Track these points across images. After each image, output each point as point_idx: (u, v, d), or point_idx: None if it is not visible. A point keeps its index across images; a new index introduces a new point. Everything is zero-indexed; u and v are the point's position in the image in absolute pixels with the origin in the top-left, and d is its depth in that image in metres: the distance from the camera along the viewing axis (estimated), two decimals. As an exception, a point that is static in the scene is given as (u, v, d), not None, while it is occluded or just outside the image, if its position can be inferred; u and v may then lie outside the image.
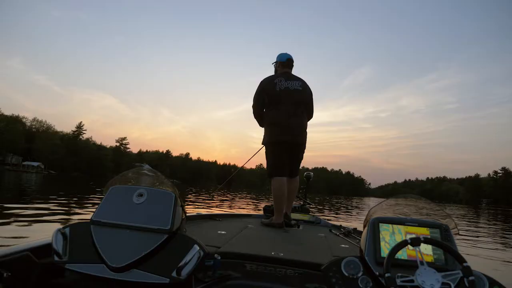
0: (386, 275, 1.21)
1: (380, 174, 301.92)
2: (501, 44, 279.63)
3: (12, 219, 6.48)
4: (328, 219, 4.28)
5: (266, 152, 3.43)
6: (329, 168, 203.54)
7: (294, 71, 3.60)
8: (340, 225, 3.71)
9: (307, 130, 3.46)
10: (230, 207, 15.16)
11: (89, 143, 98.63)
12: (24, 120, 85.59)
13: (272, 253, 1.91)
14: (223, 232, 2.54)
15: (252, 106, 3.53)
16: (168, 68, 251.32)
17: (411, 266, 1.31)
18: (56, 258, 1.30)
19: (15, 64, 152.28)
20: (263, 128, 3.48)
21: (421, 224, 1.52)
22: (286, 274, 1.75)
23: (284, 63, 3.60)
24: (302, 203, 4.40)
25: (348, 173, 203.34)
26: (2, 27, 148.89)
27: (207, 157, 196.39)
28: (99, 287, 1.32)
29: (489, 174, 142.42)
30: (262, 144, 3.50)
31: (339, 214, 16.68)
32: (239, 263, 1.79)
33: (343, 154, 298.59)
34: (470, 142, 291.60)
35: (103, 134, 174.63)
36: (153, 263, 1.29)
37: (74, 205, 10.50)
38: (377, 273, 1.35)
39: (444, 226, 1.51)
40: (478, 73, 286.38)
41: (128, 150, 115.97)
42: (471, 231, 11.93)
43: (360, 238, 2.77)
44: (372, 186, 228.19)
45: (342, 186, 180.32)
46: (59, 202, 10.91)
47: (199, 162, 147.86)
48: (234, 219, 3.57)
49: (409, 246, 1.32)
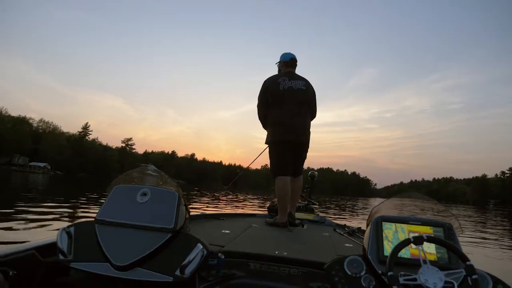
0: (389, 273, 1.21)
1: (386, 174, 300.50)
2: (505, 44, 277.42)
3: (18, 219, 6.54)
4: (332, 219, 4.27)
5: (269, 151, 3.44)
6: (334, 169, 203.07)
7: (299, 71, 3.59)
8: (345, 224, 3.71)
9: (310, 130, 3.46)
10: (235, 207, 15.18)
11: (95, 143, 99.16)
12: (30, 121, 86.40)
13: (276, 252, 1.91)
14: (227, 231, 2.55)
15: (257, 106, 3.53)
16: (173, 69, 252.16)
17: (414, 264, 1.30)
18: (61, 257, 1.31)
19: (22, 65, 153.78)
20: (267, 127, 3.50)
21: (424, 222, 1.51)
22: (290, 273, 1.76)
23: (288, 62, 3.59)
24: (306, 202, 4.40)
25: (353, 173, 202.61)
26: (8, 29, 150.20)
27: (212, 157, 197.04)
28: (104, 285, 1.33)
29: (496, 175, 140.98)
30: (266, 143, 3.51)
31: (344, 214, 16.63)
32: (243, 262, 1.80)
33: (348, 154, 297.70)
34: (476, 142, 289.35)
35: (109, 135, 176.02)
36: (157, 261, 1.30)
37: (80, 205, 10.57)
38: (380, 271, 1.34)
39: (447, 225, 1.50)
40: (483, 73, 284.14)
41: (133, 151, 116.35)
42: (477, 232, 11.85)
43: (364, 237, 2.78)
44: (378, 186, 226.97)
45: (347, 187, 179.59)
46: (65, 202, 10.98)
47: (204, 162, 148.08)
48: (238, 218, 3.58)
49: (412, 244, 1.31)
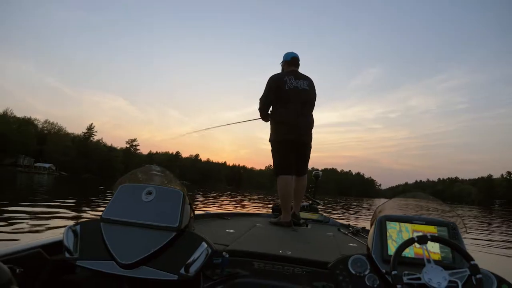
0: (393, 272, 1.21)
1: (390, 175, 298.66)
2: (510, 44, 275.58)
3: (24, 219, 6.59)
4: (337, 219, 4.27)
5: (272, 150, 3.43)
6: (338, 169, 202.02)
7: (303, 71, 3.59)
8: (349, 224, 3.71)
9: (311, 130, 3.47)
10: (239, 206, 15.19)
11: (99, 144, 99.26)
12: (36, 122, 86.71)
13: (280, 251, 1.92)
14: (231, 230, 2.56)
15: (260, 99, 3.52)
16: (177, 70, 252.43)
17: (418, 264, 1.31)
18: (67, 255, 1.33)
19: (26, 67, 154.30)
20: (270, 126, 3.48)
21: (428, 222, 1.51)
22: (294, 272, 1.76)
23: (289, 61, 3.61)
24: (310, 202, 4.40)
25: (358, 174, 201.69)
26: (12, 30, 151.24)
27: (216, 158, 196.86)
28: (109, 283, 1.35)
29: (502, 175, 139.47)
30: (269, 141, 3.50)
31: (348, 214, 16.59)
32: (247, 261, 1.81)
33: (352, 154, 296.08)
34: (481, 142, 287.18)
35: (113, 136, 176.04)
36: (161, 260, 1.31)
37: (84, 205, 10.64)
38: (384, 270, 1.34)
39: (451, 224, 1.50)
40: (488, 73, 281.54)
41: (138, 152, 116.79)
42: (482, 232, 11.79)
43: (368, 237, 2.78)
44: (383, 187, 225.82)
45: (352, 187, 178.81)
46: (70, 202, 11.04)
47: (208, 163, 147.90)
48: (242, 218, 3.59)
49: (416, 244, 1.32)
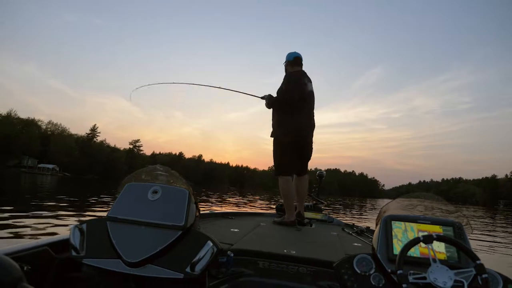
0: (399, 272, 1.21)
1: (394, 175, 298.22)
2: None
3: (28, 218, 6.62)
4: (340, 219, 4.27)
5: (276, 150, 3.40)
6: (342, 169, 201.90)
7: (306, 71, 3.57)
8: (353, 224, 3.71)
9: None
10: (243, 206, 15.20)
11: (103, 145, 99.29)
12: (39, 123, 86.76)
13: (285, 250, 1.93)
14: (236, 230, 2.57)
15: (283, 91, 3.35)
16: (179, 70, 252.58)
17: (424, 263, 1.31)
18: (73, 253, 1.33)
19: (29, 68, 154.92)
20: (278, 125, 3.38)
21: (434, 222, 1.50)
22: (299, 272, 1.77)
23: (292, 61, 3.56)
24: (314, 202, 4.40)
25: (361, 174, 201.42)
26: (16, 32, 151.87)
27: (219, 159, 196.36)
28: (115, 281, 1.35)
29: (506, 175, 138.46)
30: (272, 136, 3.47)
31: (352, 214, 16.56)
32: (252, 260, 1.82)
33: (356, 155, 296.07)
34: (485, 143, 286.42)
35: (116, 137, 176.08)
36: (167, 258, 1.31)
37: (88, 206, 10.67)
38: (389, 270, 1.34)
39: (457, 224, 1.49)
40: (492, 72, 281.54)
41: (141, 152, 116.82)
42: (487, 232, 11.73)
43: (372, 236, 2.78)
44: (386, 187, 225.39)
45: (355, 187, 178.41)
46: (73, 202, 11.09)
47: (211, 164, 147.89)
48: (247, 217, 3.60)
49: (421, 243, 1.32)
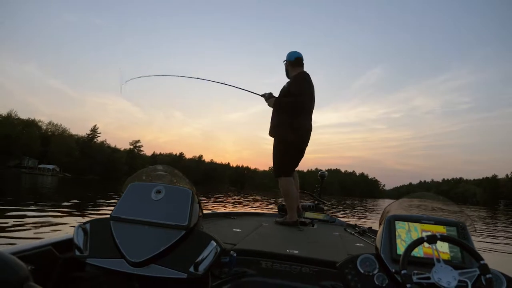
0: (403, 272, 1.21)
1: (394, 175, 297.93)
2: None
3: (29, 219, 6.63)
4: (341, 219, 4.28)
5: (279, 151, 3.38)
6: (342, 170, 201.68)
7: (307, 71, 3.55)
8: (355, 224, 3.71)
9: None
10: (244, 206, 15.22)
11: (103, 146, 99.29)
12: (39, 123, 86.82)
13: (287, 250, 1.93)
14: (238, 230, 2.57)
15: (300, 94, 3.28)
16: (180, 70, 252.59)
17: (427, 263, 1.31)
18: (77, 253, 1.33)
19: (30, 68, 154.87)
20: (285, 126, 3.33)
21: (437, 222, 1.51)
22: (301, 272, 1.77)
23: (293, 62, 3.53)
24: (316, 202, 4.40)
25: (362, 174, 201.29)
26: (16, 32, 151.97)
27: (220, 159, 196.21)
28: (119, 281, 1.35)
29: (507, 175, 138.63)
30: (272, 136, 3.46)
31: (352, 214, 16.56)
32: (255, 260, 1.82)
33: (356, 155, 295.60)
34: (486, 143, 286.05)
35: (117, 137, 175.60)
36: (171, 258, 1.31)
37: (89, 206, 10.68)
38: (393, 270, 1.34)
39: (461, 224, 1.49)
40: (492, 72, 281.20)
41: (142, 153, 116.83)
42: (489, 232, 11.74)
43: (375, 236, 2.78)
44: (387, 187, 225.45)
45: (356, 188, 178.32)
46: (74, 203, 11.10)
47: (212, 164, 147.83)
48: (249, 217, 3.60)
49: (425, 243, 1.32)
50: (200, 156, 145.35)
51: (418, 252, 1.40)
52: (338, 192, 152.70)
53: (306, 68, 3.54)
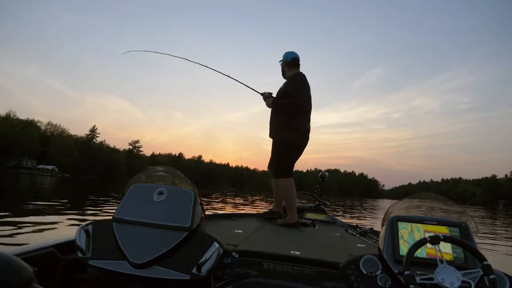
0: (406, 272, 1.21)
1: (393, 175, 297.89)
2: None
3: (29, 220, 6.61)
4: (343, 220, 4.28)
5: (280, 152, 3.39)
6: (342, 170, 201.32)
7: (305, 72, 3.53)
8: (356, 225, 3.71)
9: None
10: (244, 207, 15.21)
11: (102, 146, 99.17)
12: (38, 124, 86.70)
13: (291, 252, 1.92)
14: (239, 231, 2.57)
15: (297, 96, 3.28)
16: (180, 70, 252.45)
17: (430, 264, 1.31)
18: (79, 255, 1.33)
19: (29, 69, 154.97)
20: (286, 127, 3.33)
21: (440, 222, 1.51)
22: (303, 273, 1.77)
23: (290, 62, 3.52)
24: (317, 203, 4.40)
25: (361, 174, 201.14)
26: (16, 33, 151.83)
27: (219, 159, 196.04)
28: (121, 282, 1.34)
29: (506, 175, 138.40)
30: (272, 137, 3.48)
31: (351, 215, 16.57)
32: (257, 261, 1.81)
33: (355, 155, 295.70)
34: (485, 142, 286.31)
35: (116, 138, 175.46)
36: (173, 259, 1.30)
37: (88, 207, 10.66)
38: (396, 271, 1.34)
39: (463, 224, 1.49)
40: (492, 72, 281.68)
41: (141, 153, 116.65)
42: (489, 232, 11.74)
43: (377, 237, 2.78)
44: (386, 187, 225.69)
45: (355, 188, 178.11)
46: (74, 204, 11.08)
47: (211, 164, 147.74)
48: (250, 218, 3.59)
49: (428, 244, 1.32)
50: (200, 157, 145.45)
51: (421, 253, 1.40)
52: (337, 193, 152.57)
53: (307, 68, 3.57)
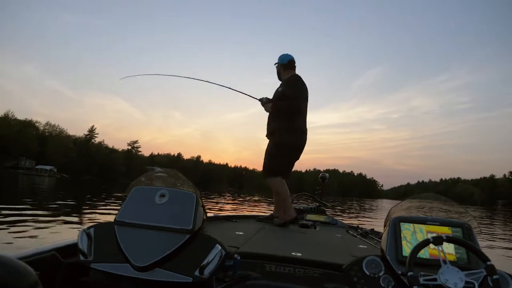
0: (409, 273, 1.22)
1: (392, 175, 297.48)
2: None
3: (30, 221, 6.60)
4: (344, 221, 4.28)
5: (277, 153, 3.38)
6: (340, 170, 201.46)
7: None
8: (357, 226, 3.72)
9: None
10: (243, 208, 15.23)
11: (101, 146, 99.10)
12: (37, 124, 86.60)
13: (292, 253, 1.92)
14: (240, 233, 2.57)
15: (295, 98, 3.30)
16: (179, 70, 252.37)
17: (433, 265, 1.31)
18: (81, 258, 1.32)
19: (28, 69, 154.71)
20: (283, 128, 3.35)
21: (442, 223, 1.51)
22: (306, 274, 1.76)
23: (286, 64, 3.52)
24: (318, 204, 4.40)
25: (360, 174, 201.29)
26: (14, 33, 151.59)
27: (218, 159, 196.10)
28: (124, 286, 1.34)
29: (504, 175, 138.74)
30: (268, 138, 3.50)
31: (350, 215, 16.59)
32: (258, 263, 1.81)
33: (354, 155, 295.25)
34: (484, 142, 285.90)
35: (115, 138, 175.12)
36: (176, 262, 1.30)
37: (87, 207, 10.65)
38: (399, 272, 1.35)
39: (466, 225, 1.50)
40: (491, 72, 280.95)
41: (139, 153, 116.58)
42: (489, 232, 11.78)
43: (378, 238, 2.78)
44: (385, 187, 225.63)
45: (354, 188, 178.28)
46: (73, 204, 11.07)
47: (210, 164, 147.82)
48: (250, 220, 3.59)
49: (431, 245, 1.32)
50: (198, 157, 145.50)
51: (424, 253, 1.41)
52: (336, 193, 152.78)
53: (306, 68, 3.69)
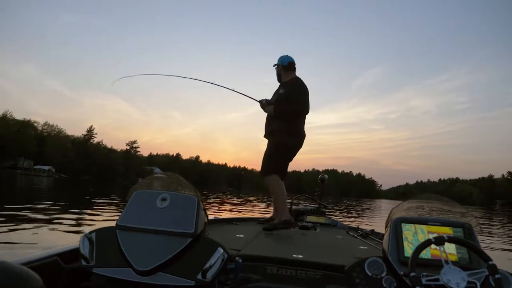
0: (411, 274, 1.23)
1: (391, 175, 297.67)
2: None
3: (29, 223, 6.58)
4: (343, 222, 4.28)
5: (278, 153, 3.36)
6: (339, 170, 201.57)
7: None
8: (358, 227, 3.72)
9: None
10: (243, 209, 15.23)
11: (99, 146, 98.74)
12: (35, 124, 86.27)
13: (293, 255, 1.92)
14: (241, 235, 2.57)
15: (300, 103, 3.30)
16: (178, 70, 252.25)
17: (435, 265, 1.32)
18: (83, 263, 1.32)
19: (26, 69, 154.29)
20: (283, 129, 3.33)
21: (443, 223, 1.53)
22: (307, 276, 1.76)
23: (286, 66, 3.51)
24: (318, 205, 4.40)
25: (359, 174, 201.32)
26: (14, 32, 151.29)
27: (217, 160, 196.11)
28: None
29: (503, 175, 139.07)
30: (267, 138, 3.50)
31: (349, 215, 16.59)
32: (260, 266, 1.81)
33: (353, 155, 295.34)
34: (482, 143, 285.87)
35: (114, 138, 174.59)
36: (178, 266, 1.30)
37: (87, 207, 10.63)
38: (401, 272, 1.36)
39: (467, 225, 1.52)
40: (489, 73, 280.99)
41: (138, 154, 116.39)
42: (489, 232, 11.80)
43: (378, 239, 2.78)
44: (384, 188, 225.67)
45: (353, 188, 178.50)
46: (72, 206, 11.05)
47: (209, 165, 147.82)
48: (251, 222, 3.60)
49: (432, 245, 1.33)
50: (197, 157, 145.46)
51: (425, 254, 1.42)
52: (334, 193, 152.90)
53: (306, 68, 3.76)
